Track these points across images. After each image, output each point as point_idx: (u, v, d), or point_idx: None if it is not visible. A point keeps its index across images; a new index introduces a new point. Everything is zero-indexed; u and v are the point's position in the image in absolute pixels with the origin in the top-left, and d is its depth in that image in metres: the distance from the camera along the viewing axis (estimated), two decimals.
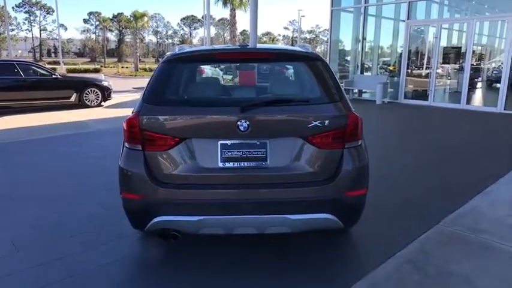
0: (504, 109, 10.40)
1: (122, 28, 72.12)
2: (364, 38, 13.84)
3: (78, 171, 5.04)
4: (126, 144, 2.53)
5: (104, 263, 2.76)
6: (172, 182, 2.43)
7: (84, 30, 77.78)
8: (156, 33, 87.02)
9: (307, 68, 2.76)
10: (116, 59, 70.45)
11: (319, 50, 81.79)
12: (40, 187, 4.44)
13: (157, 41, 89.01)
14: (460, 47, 12.18)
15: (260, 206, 2.39)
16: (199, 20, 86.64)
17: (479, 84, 12.27)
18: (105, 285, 2.51)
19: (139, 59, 39.85)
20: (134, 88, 19.35)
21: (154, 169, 2.43)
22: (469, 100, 11.37)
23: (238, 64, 3.17)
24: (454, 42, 13.12)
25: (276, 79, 3.44)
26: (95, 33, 77.49)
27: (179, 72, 2.79)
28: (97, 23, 75.38)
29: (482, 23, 12.00)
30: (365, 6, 13.38)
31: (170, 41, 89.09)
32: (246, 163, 2.42)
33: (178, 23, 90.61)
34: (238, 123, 2.35)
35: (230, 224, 2.46)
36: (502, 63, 11.02)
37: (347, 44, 14.92)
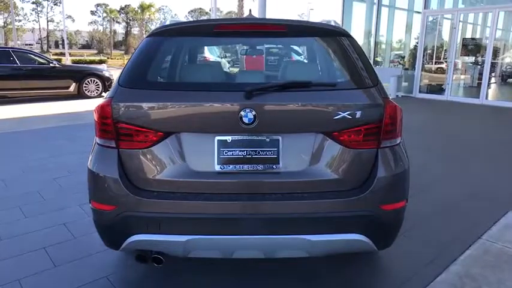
0: None
1: (129, 20, 71.40)
2: (377, 30, 13.13)
3: (57, 167, 4.52)
4: (97, 140, 1.97)
5: None
6: (154, 189, 1.86)
7: (91, 22, 77.35)
8: None
9: (331, 45, 2.17)
10: (123, 51, 69.85)
11: None
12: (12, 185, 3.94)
13: None
14: (480, 39, 11.43)
15: (270, 223, 1.82)
16: (206, 13, 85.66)
17: (495, 80, 11.54)
18: None
19: None
20: None
21: (131, 173, 1.87)
22: (488, 95, 10.67)
23: (243, 40, 2.56)
24: (473, 34, 12.36)
25: (289, 64, 2.86)
26: (102, 25, 76.89)
27: (166, 49, 2.20)
28: (104, 14, 74.74)
29: (505, 14, 11.21)
30: None
31: None
32: (251, 166, 1.85)
33: (185, 16, 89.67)
34: (242, 113, 1.78)
35: (229, 246, 1.89)
36: None
37: (359, 36, 14.18)
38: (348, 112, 1.83)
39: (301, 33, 2.20)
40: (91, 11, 76.71)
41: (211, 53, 10.26)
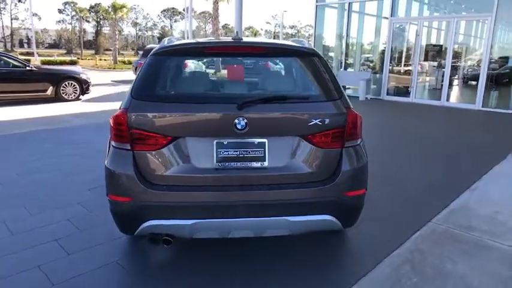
0: (482, 106, 10.63)
1: (100, 19, 69.95)
2: (347, 34, 13.85)
3: (46, 170, 4.80)
4: (113, 143, 2.36)
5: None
6: (164, 183, 2.29)
7: (59, 21, 75.16)
8: (135, 25, 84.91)
9: (304, 64, 2.66)
10: (93, 51, 68.31)
11: None
12: (11, 187, 4.21)
13: (137, 33, 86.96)
14: (441, 45, 12.36)
15: (258, 208, 2.29)
16: (180, 13, 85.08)
17: (457, 82, 12.50)
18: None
19: (118, 52, 38.68)
20: (113, 81, 18.83)
21: (144, 170, 2.28)
22: (448, 97, 11.57)
23: (229, 58, 3.01)
24: (436, 40, 13.30)
25: (267, 75, 3.32)
26: (71, 23, 74.90)
27: (169, 66, 2.63)
28: (73, 13, 72.85)
29: (460, 22, 12.16)
30: (349, 2, 13.38)
31: (150, 33, 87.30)
32: (243, 163, 2.30)
33: (158, 15, 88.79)
34: (236, 121, 2.23)
35: (226, 228, 2.34)
36: (477, 62, 11.28)
37: (331, 40, 14.90)
38: (319, 119, 2.32)
39: (279, 54, 2.69)
40: (59, 9, 74.54)
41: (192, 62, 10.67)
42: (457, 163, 5.39)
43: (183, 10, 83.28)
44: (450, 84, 11.55)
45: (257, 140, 2.30)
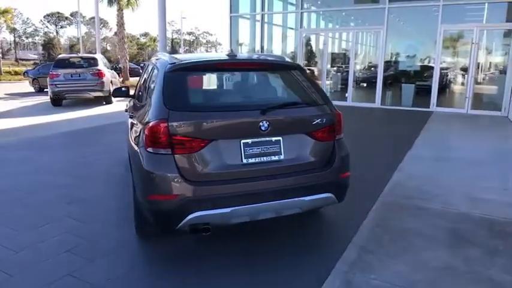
0: (381, 104, 12.58)
1: None
2: (261, 44, 14.93)
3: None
4: (150, 149, 2.67)
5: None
6: (202, 179, 2.68)
7: None
8: (13, 30, 75.70)
9: (296, 76, 3.28)
10: None
11: (199, 51, 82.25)
12: None
13: (15, 40, 77.53)
14: (344, 53, 14.22)
15: (279, 193, 2.83)
16: (67, 18, 78.58)
17: (359, 84, 14.46)
18: None
19: None
20: (7, 95, 17.00)
21: (185, 169, 2.65)
22: (353, 98, 13.36)
23: (235, 74, 3.48)
24: (340, 49, 15.22)
25: (270, 85, 3.74)
26: None
27: (189, 80, 3.01)
28: None
29: (358, 33, 14.14)
30: (262, 14, 14.47)
31: (31, 39, 78.76)
32: (264, 158, 2.82)
33: (41, 20, 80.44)
34: (260, 124, 2.75)
35: (256, 212, 2.83)
36: (369, 67, 13.32)
37: (245, 47, 15.85)
38: (319, 119, 2.97)
39: (275, 68, 3.29)
40: None
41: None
42: (379, 152, 6.58)
43: (71, 15, 77.17)
44: (353, 86, 13.34)
45: (274, 138, 2.85)
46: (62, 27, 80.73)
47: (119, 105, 12.73)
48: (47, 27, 79.97)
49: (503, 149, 6.68)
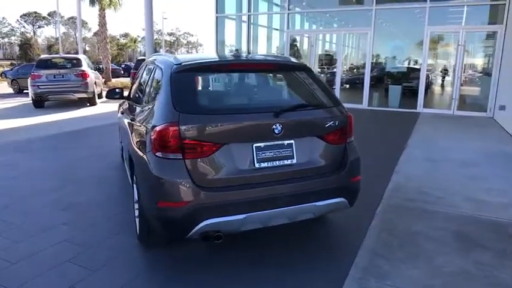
0: (368, 106, 12.66)
1: None
2: (248, 45, 14.82)
3: None
4: (159, 154, 2.53)
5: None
6: (215, 185, 2.56)
7: None
8: None
9: (305, 77, 3.19)
10: None
11: (180, 52, 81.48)
12: None
13: None
14: (332, 55, 14.26)
15: (293, 198, 2.73)
16: (44, 18, 76.62)
17: (347, 85, 14.54)
18: None
19: None
20: None
21: (196, 175, 2.52)
22: (340, 99, 13.34)
23: (244, 74, 3.34)
24: (327, 50, 15.27)
25: (277, 87, 3.66)
26: None
27: (197, 81, 2.89)
28: None
29: (346, 35, 14.23)
30: (248, 15, 14.38)
31: (7, 40, 76.36)
32: (277, 162, 2.72)
33: (17, 20, 78.06)
34: (273, 126, 2.65)
35: (269, 218, 2.71)
36: (356, 68, 13.40)
37: (231, 48, 15.72)
38: (332, 122, 2.89)
39: (284, 69, 3.18)
40: None
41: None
42: (373, 153, 6.57)
43: (49, 15, 75.28)
44: (340, 87, 13.39)
45: (286, 142, 2.75)
46: (39, 27, 78.77)
47: (103, 107, 12.42)
48: (23, 27, 77.84)
49: (494, 150, 6.79)
